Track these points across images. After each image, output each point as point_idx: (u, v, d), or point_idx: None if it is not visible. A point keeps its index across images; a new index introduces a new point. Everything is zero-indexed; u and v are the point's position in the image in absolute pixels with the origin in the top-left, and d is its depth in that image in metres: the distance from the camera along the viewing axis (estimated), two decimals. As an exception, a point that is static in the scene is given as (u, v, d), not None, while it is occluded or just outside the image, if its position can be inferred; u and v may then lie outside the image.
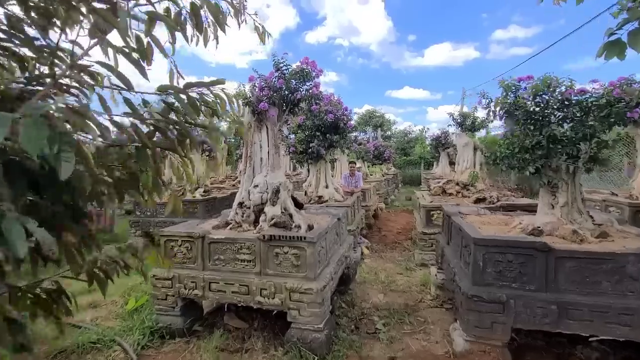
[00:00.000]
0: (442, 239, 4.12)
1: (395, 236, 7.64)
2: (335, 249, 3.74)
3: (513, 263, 2.55)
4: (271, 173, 3.65)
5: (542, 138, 2.87)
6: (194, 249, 3.23)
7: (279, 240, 2.97)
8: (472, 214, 4.11)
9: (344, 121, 5.99)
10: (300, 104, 3.97)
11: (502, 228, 3.36)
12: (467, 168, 5.87)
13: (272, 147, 3.71)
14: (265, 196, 3.57)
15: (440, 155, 14.34)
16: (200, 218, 6.47)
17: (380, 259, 5.91)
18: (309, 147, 5.95)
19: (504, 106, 3.20)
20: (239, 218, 3.56)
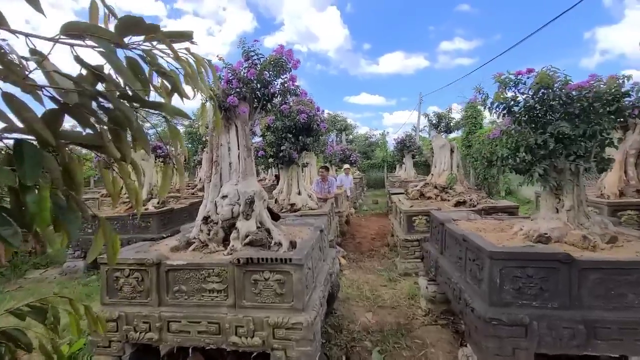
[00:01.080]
0: (433, 248, 3.79)
1: (371, 243, 7.31)
2: (320, 266, 3.24)
3: (533, 278, 2.23)
4: (242, 181, 3.07)
5: (548, 136, 2.62)
6: (147, 280, 2.55)
7: (257, 264, 2.40)
8: (462, 220, 3.83)
9: (317, 122, 5.53)
10: (275, 99, 3.44)
11: (502, 235, 3.08)
12: (445, 170, 5.69)
13: (244, 150, 3.12)
14: (236, 208, 2.97)
15: (405, 158, 14.47)
16: (154, 233, 5.63)
17: (359, 270, 5.50)
18: (280, 151, 5.40)
19: (502, 102, 2.93)
20: (204, 236, 2.93)
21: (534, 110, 2.77)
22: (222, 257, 2.65)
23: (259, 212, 3.05)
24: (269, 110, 3.60)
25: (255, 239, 2.77)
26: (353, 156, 13.82)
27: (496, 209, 4.90)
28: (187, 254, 2.80)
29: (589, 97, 2.63)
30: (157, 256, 2.54)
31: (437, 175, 5.81)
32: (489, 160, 3.28)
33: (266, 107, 3.54)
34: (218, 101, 3.01)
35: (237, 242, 2.82)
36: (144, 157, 6.36)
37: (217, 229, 2.91)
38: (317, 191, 7.09)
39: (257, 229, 2.91)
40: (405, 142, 13.76)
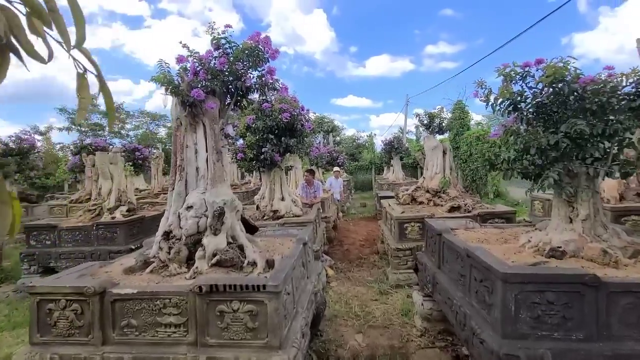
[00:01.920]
0: (429, 261, 3.42)
1: (359, 250, 6.93)
2: (302, 286, 2.82)
3: (554, 305, 1.88)
4: (212, 188, 2.62)
5: (562, 136, 2.28)
6: (88, 313, 2.07)
7: (224, 293, 1.96)
8: (460, 229, 3.48)
9: (301, 122, 5.12)
10: (250, 94, 3.01)
11: (507, 248, 2.73)
12: (437, 173, 5.37)
13: (213, 153, 2.68)
14: (203, 222, 2.52)
15: (393, 160, 14.22)
16: (121, 245, 5.09)
17: (347, 281, 5.10)
18: (261, 153, 4.96)
19: (508, 97, 2.59)
20: (164, 255, 2.46)
21: (545, 107, 2.44)
22: (184, 282, 2.20)
23: (231, 225, 2.61)
24: (244, 107, 3.17)
25: (225, 258, 2.33)
26: (340, 158, 13.46)
27: (493, 215, 4.60)
28: (143, 278, 2.33)
29: (606, 92, 2.31)
30: (101, 283, 2.07)
31: (429, 178, 5.48)
32: (491, 163, 2.94)
33: (241, 104, 3.11)
34: (182, 96, 2.57)
35: (203, 262, 2.37)
36: (112, 160, 5.81)
37: (179, 246, 2.45)
38: (302, 196, 6.67)
39: (228, 246, 2.47)
40: (394, 144, 13.50)
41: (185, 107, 2.62)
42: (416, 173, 19.09)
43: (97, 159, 5.73)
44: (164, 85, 2.46)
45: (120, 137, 30.14)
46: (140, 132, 32.46)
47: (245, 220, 3.02)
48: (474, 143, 12.51)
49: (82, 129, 27.52)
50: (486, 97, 2.75)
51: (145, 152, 13.36)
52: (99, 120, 28.52)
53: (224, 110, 2.91)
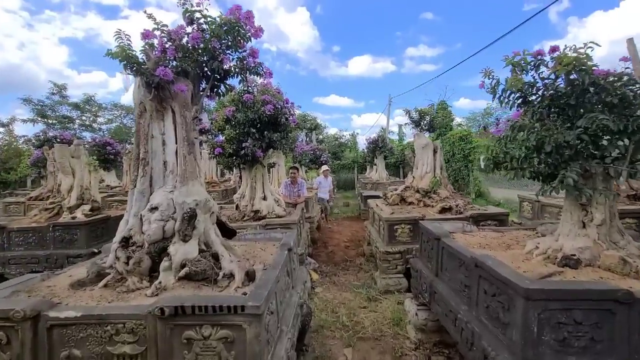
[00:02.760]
0: (424, 267, 3.15)
1: (344, 251, 6.64)
2: (287, 299, 2.47)
3: (582, 325, 1.62)
4: (181, 186, 2.22)
5: (581, 132, 2.05)
6: (16, 343, 1.63)
7: (192, 316, 1.58)
8: (457, 232, 3.24)
9: (285, 116, 4.75)
10: (229, 78, 2.62)
11: (513, 255, 2.49)
12: (427, 173, 5.15)
13: (184, 145, 2.28)
14: (170, 226, 2.12)
15: (377, 159, 14.05)
16: (82, 248, 4.55)
17: (334, 286, 4.79)
18: (241, 148, 4.55)
19: (518, 89, 2.34)
20: (121, 266, 2.05)
21: (561, 99, 2.20)
22: (144, 300, 1.80)
23: (204, 230, 2.22)
24: (222, 94, 2.77)
25: (196, 270, 1.95)
26: (324, 156, 13.14)
27: (486, 216, 4.41)
28: (93, 295, 1.91)
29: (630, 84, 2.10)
30: (35, 305, 1.64)
31: (419, 178, 5.25)
32: (496, 162, 2.69)
33: (219, 89, 2.72)
34: (146, 76, 2.15)
35: (169, 274, 1.98)
36: (74, 154, 5.22)
37: (140, 255, 2.04)
38: (285, 195, 6.30)
39: (200, 255, 2.08)
40: (378, 143, 13.31)
41: (150, 89, 2.21)
42: (399, 172, 19.10)
43: (56, 152, 5.12)
44: (123, 62, 2.03)
45: (92, 131, 28.56)
46: (114, 126, 30.92)
47: (221, 223, 2.63)
48: (457, 143, 12.54)
49: (50, 121, 25.84)
50: (493, 89, 2.49)
51: (117, 147, 12.56)
52: (68, 113, 26.86)
53: (198, 95, 2.51)
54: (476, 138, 12.00)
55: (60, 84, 25.96)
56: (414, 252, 4.41)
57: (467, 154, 12.24)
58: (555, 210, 4.74)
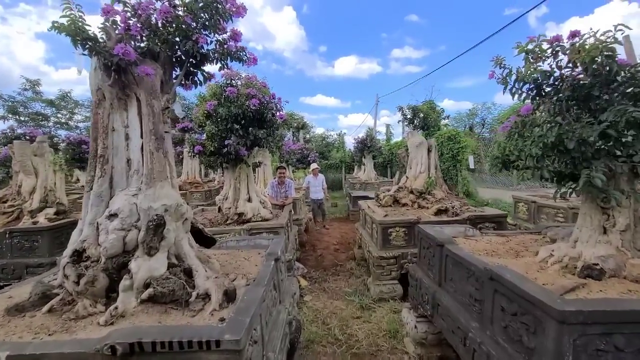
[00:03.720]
0: (425, 276, 2.89)
1: (334, 255, 6.35)
2: (274, 318, 2.15)
3: (624, 352, 1.38)
4: (148, 189, 1.86)
5: (607, 127, 1.81)
6: None
7: (154, 354, 1.25)
8: (459, 237, 2.99)
9: (272, 111, 4.41)
10: (207, 64, 2.28)
11: (525, 263, 2.25)
12: (422, 172, 4.91)
13: (151, 139, 1.92)
14: (133, 236, 1.77)
15: (365, 159, 13.85)
16: (44, 257, 4.09)
17: (324, 294, 4.48)
18: (224, 146, 4.19)
19: (535, 78, 2.09)
20: (71, 286, 1.68)
21: (581, 90, 1.96)
22: (95, 332, 1.45)
23: (175, 241, 1.88)
24: (199, 82, 2.43)
25: (162, 291, 1.60)
26: (312, 156, 12.84)
27: (483, 218, 4.20)
28: (32, 323, 1.54)
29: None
30: (-55, 343, 1.26)
31: (412, 178, 5.00)
32: (504, 160, 2.45)
33: (195, 77, 2.37)
34: (105, 56, 1.79)
35: (130, 296, 1.63)
36: (36, 152, 4.73)
37: (94, 272, 1.68)
38: (272, 196, 5.96)
39: (169, 271, 1.74)
40: (366, 142, 13.10)
41: (109, 72, 1.84)
42: (386, 172, 18.99)
43: (15, 150, 4.62)
44: (71, 38, 1.67)
45: (69, 129, 27.26)
46: (91, 123, 29.59)
47: (198, 231, 2.29)
48: (445, 143, 12.45)
49: (22, 118, 24.50)
50: (504, 79, 2.24)
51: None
52: (42, 110, 25.55)
53: (170, 83, 2.15)
54: (465, 138, 11.94)
55: (33, 80, 24.64)
56: (409, 256, 4.16)
57: (455, 153, 12.17)
58: (552, 211, 4.58)
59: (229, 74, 4.52)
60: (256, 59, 2.43)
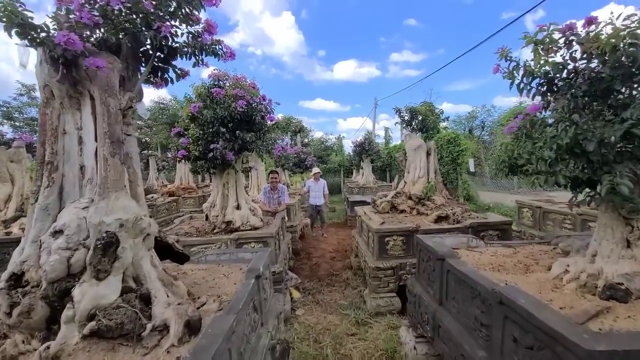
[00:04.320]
0: (424, 292, 2.62)
1: (330, 263, 6.07)
2: (253, 344, 1.88)
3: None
4: (100, 201, 1.60)
5: (632, 125, 1.56)
6: None
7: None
8: (461, 248, 2.73)
9: (261, 113, 4.17)
10: (177, 58, 2.04)
11: (538, 281, 1.99)
12: (420, 177, 4.66)
13: (105, 143, 1.66)
14: (79, 257, 1.50)
15: (363, 163, 13.61)
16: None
17: (317, 307, 4.21)
18: (210, 150, 3.93)
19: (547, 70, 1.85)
20: (2, 317, 1.42)
21: (601, 84, 1.71)
22: (19, 377, 1.18)
23: (134, 261, 1.61)
24: (171, 79, 2.18)
25: (108, 324, 1.34)
26: (309, 160, 12.59)
27: (487, 226, 3.94)
28: (-50, 365, 1.28)
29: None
30: None
31: (411, 182, 4.75)
32: (510, 165, 2.20)
33: (165, 74, 2.12)
34: (50, 47, 1.54)
35: (73, 329, 1.36)
36: (12, 158, 4.48)
37: (31, 301, 1.41)
38: (264, 202, 5.70)
39: (122, 298, 1.47)
40: (364, 146, 12.87)
41: (57, 66, 1.60)
42: (385, 176, 18.74)
43: (-10, 156, 4.37)
44: (4, 24, 1.42)
45: (64, 134, 26.99)
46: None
47: (166, 246, 2.03)
48: (445, 146, 12.23)
49: (17, 124, 24.28)
50: (510, 73, 2.00)
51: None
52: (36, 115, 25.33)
53: (131, 78, 1.91)
54: (465, 141, 11.70)
55: (29, 85, 24.46)
56: (407, 267, 3.89)
57: (455, 157, 11.93)
58: (559, 217, 4.32)
59: (216, 75, 4.29)
60: (233, 53, 2.19)
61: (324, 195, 8.40)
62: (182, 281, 2.31)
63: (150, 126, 26.81)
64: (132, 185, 1.92)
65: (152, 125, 26.58)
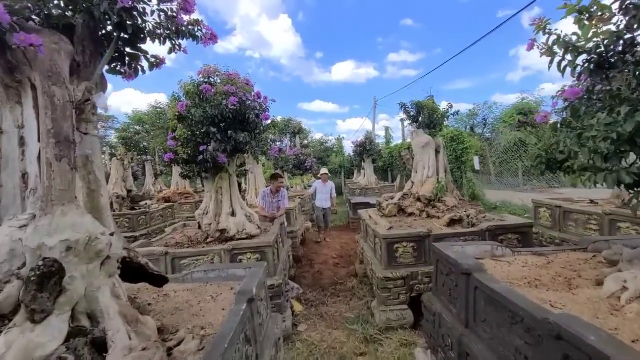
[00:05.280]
0: (445, 310, 2.27)
1: (333, 270, 5.72)
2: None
3: None
4: (42, 217, 1.25)
5: None
6: None
7: None
8: (485, 257, 2.39)
9: (255, 111, 3.83)
10: (145, 41, 1.70)
11: (591, 301, 1.64)
12: (429, 177, 4.31)
13: (50, 145, 1.31)
14: (11, 292, 1.15)
15: (365, 163, 13.26)
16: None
17: (321, 321, 3.85)
18: (200, 152, 3.59)
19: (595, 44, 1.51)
20: None
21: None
22: None
23: (87, 293, 1.26)
24: (142, 68, 1.84)
25: (40, 387, 0.98)
26: (308, 161, 12.25)
27: (504, 229, 3.59)
28: None
29: None
30: None
31: (419, 183, 4.40)
32: (548, 160, 1.85)
33: (132, 60, 1.78)
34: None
35: (-7, 394, 1.01)
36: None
37: (-57, 354, 1.06)
38: (261, 206, 5.36)
39: (65, 345, 1.12)
40: (365, 145, 12.53)
41: (-15, 48, 1.25)
42: (387, 176, 18.37)
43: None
44: None
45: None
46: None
47: (139, 267, 1.68)
48: (449, 144, 11.88)
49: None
50: (549, 49, 1.65)
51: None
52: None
53: (91, 66, 1.56)
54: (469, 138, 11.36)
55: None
56: (419, 276, 3.54)
57: (459, 154, 11.58)
58: (582, 217, 3.97)
59: (206, 71, 3.96)
60: (215, 35, 1.85)
61: (332, 198, 8.06)
62: (162, 305, 1.97)
63: (148, 131, 26.52)
64: (94, 195, 1.58)
65: (150, 130, 26.28)
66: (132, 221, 6.41)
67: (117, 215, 6.37)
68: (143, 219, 6.73)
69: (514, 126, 17.78)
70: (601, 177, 1.44)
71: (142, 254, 3.63)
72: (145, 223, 6.77)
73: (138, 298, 2.06)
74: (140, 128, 27.33)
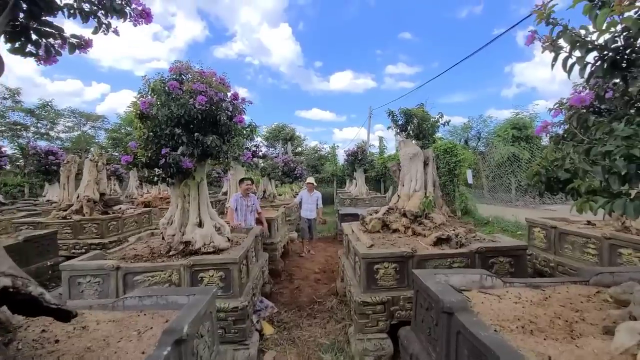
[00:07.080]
0: (424, 353, 1.92)
1: (314, 287, 5.34)
2: None
3: None
4: None
5: None
6: None
7: None
8: (472, 290, 2.05)
9: (228, 112, 3.49)
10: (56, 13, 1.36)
11: (599, 358, 1.31)
12: (416, 191, 3.99)
13: None
14: None
15: (356, 173, 12.97)
16: None
17: (292, 348, 3.46)
18: (162, 157, 3.23)
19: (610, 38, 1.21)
20: None
21: None
22: None
23: None
24: (54, 48, 1.50)
25: None
26: (298, 169, 11.89)
27: (497, 251, 3.26)
28: None
29: None
30: None
31: (405, 197, 4.07)
32: (548, 178, 1.53)
33: (41, 38, 1.44)
34: None
35: None
36: None
37: None
38: (233, 209, 5.02)
39: None
40: (357, 155, 12.24)
41: None
42: (379, 187, 18.08)
43: None
44: None
45: (49, 140, 26.05)
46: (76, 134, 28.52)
47: (33, 299, 1.31)
48: (442, 156, 11.66)
49: (0, 128, 23.32)
50: (553, 43, 1.35)
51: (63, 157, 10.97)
52: (20, 119, 24.40)
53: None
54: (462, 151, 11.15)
55: (13, 88, 23.61)
56: (401, 302, 3.19)
57: (452, 167, 11.35)
58: (580, 240, 3.66)
59: (178, 68, 3.63)
60: (148, 13, 1.51)
61: (318, 208, 7.70)
62: (73, 343, 1.59)
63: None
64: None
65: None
66: (101, 227, 5.97)
67: (85, 220, 5.94)
68: (114, 225, 6.29)
69: (507, 141, 17.73)
70: (620, 205, 1.11)
71: (89, 268, 3.22)
72: (116, 229, 6.33)
73: (48, 331, 1.68)
74: (132, 129, 26.90)
